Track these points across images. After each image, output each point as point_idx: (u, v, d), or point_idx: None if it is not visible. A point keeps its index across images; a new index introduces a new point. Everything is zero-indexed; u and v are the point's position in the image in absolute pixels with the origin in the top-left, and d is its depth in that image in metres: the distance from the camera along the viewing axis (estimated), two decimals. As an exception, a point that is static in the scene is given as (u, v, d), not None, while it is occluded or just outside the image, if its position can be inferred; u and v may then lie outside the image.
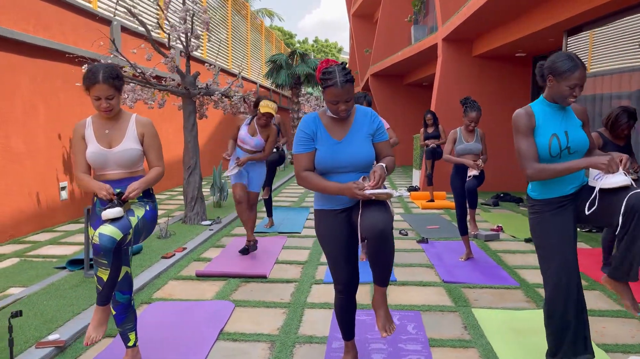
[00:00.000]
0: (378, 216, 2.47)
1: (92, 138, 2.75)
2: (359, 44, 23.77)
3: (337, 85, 2.54)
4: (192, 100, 6.76)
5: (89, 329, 2.65)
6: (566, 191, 2.61)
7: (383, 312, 2.63)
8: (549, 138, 2.54)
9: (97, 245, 2.48)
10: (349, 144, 2.68)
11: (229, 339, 3.32)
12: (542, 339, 3.26)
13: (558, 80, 2.51)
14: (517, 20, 8.04)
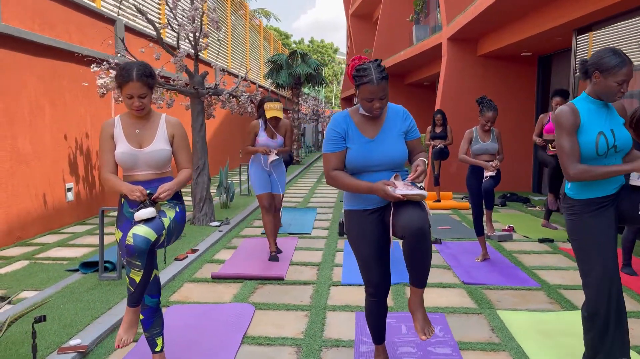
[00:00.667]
0: (415, 214, 2.41)
1: (121, 138, 2.67)
2: (357, 44, 23.73)
3: (373, 82, 2.48)
4: (201, 100, 6.68)
5: (119, 332, 2.58)
6: (609, 191, 2.55)
7: (421, 315, 2.56)
8: (596, 137, 2.47)
9: (131, 246, 2.41)
10: (381, 142, 2.61)
11: (253, 344, 3.25)
12: (573, 341, 3.22)
13: (605, 77, 2.45)
14: (525, 19, 8.00)
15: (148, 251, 2.46)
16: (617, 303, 2.57)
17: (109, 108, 8.11)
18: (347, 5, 28.14)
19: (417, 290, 2.56)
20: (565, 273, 4.73)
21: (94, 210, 7.62)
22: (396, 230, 2.49)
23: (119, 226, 2.72)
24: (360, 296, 4.10)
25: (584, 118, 2.51)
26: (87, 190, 7.45)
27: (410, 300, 2.60)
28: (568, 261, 5.16)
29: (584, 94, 2.60)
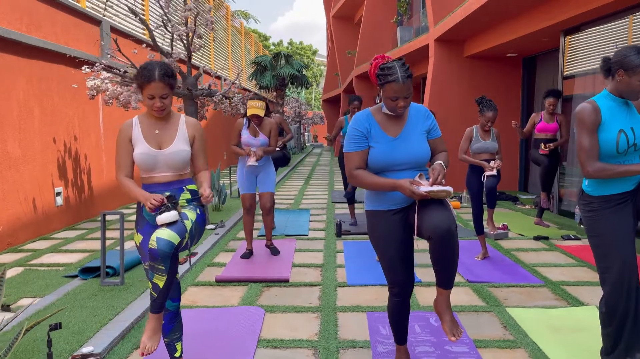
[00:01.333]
0: (442, 215, 2.41)
1: (140, 139, 2.61)
2: (339, 45, 23.78)
3: (398, 81, 2.47)
4: (194, 102, 6.60)
5: (143, 339, 2.52)
6: (627, 188, 2.59)
7: (449, 316, 2.56)
8: (617, 134, 2.50)
9: (155, 250, 2.35)
10: (405, 141, 2.60)
11: (269, 347, 3.21)
12: (585, 337, 3.26)
13: (630, 75, 2.48)
14: (514, 20, 8.11)
15: (172, 255, 2.41)
16: (636, 299, 2.61)
17: (97, 110, 7.96)
18: (328, 7, 28.20)
19: (444, 291, 2.56)
20: (566, 270, 4.80)
21: (82, 214, 7.46)
22: (423, 232, 2.48)
23: (139, 230, 2.66)
24: (368, 297, 4.11)
25: (605, 116, 2.54)
26: (76, 194, 7.29)
27: (438, 302, 2.59)
28: (566, 258, 5.23)
29: (605, 92, 2.62)
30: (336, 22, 24.12)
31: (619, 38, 6.49)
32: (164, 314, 2.67)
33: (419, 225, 2.51)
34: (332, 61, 28.24)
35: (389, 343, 3.23)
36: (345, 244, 5.89)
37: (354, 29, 23.85)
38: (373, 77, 2.63)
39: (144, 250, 2.64)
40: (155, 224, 2.63)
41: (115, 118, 8.55)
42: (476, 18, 8.28)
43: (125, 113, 8.86)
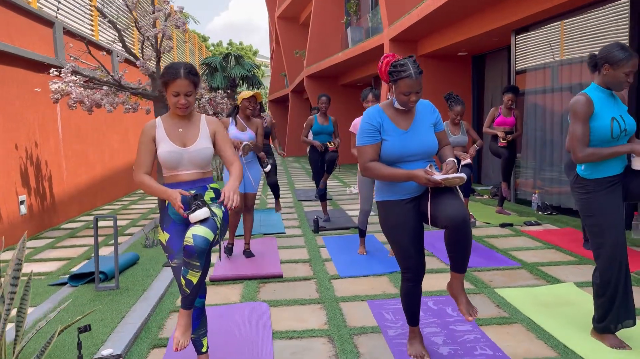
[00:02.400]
0: (457, 205, 2.60)
1: (164, 138, 2.65)
2: (286, 46, 23.87)
3: (411, 77, 2.64)
4: (165, 104, 6.54)
5: (176, 335, 2.57)
6: (618, 171, 2.89)
7: (464, 298, 2.76)
8: (610, 122, 2.80)
9: (191, 246, 2.41)
10: (415, 133, 2.79)
11: (283, 338, 3.31)
12: (571, 310, 3.57)
13: (614, 68, 2.78)
14: (467, 21, 8.54)
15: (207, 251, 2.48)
16: (625, 271, 2.92)
17: (56, 115, 7.70)
18: (272, 7, 28.21)
19: (459, 275, 2.75)
20: (537, 252, 5.17)
21: (46, 223, 7.21)
22: (438, 221, 2.66)
23: (165, 229, 2.70)
24: (364, 287, 4.28)
25: (597, 107, 2.84)
26: (38, 202, 7.04)
27: (453, 285, 2.78)
28: (534, 242, 5.62)
29: (594, 85, 2.92)
30: (282, 23, 24.19)
31: (554, 39, 7.02)
32: (192, 311, 2.71)
33: (432, 214, 2.70)
34: (277, 61, 28.28)
35: (397, 326, 3.41)
36: (325, 239, 6.04)
37: (300, 29, 24.02)
38: (384, 75, 2.80)
39: (171, 247, 2.68)
40: (182, 222, 2.69)
41: (73, 123, 8.30)
42: (432, 19, 8.65)
43: (86, 117, 8.62)
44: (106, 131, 9.95)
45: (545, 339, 3.16)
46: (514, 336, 3.23)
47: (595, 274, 3.00)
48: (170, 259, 2.69)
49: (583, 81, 6.59)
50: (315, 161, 7.13)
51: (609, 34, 6.13)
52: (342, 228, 6.67)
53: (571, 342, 3.06)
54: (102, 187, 9.53)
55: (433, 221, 2.71)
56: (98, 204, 9.30)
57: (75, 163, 8.35)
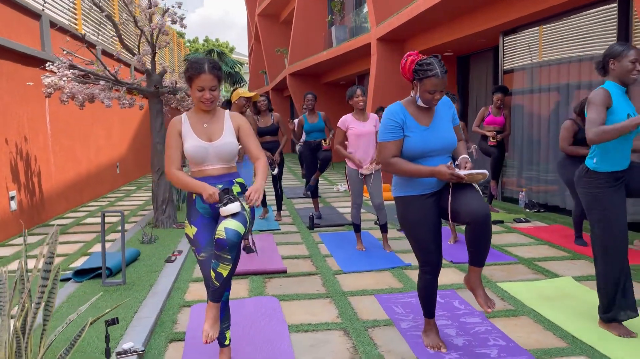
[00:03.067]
0: (479, 201, 2.70)
1: (190, 133, 2.69)
2: (266, 43, 23.81)
3: (438, 76, 2.72)
4: (160, 99, 6.50)
5: (205, 327, 2.61)
6: (624, 166, 3.04)
7: (482, 290, 2.86)
8: (626, 117, 2.96)
9: (223, 239, 2.45)
10: (436, 129, 2.87)
11: (299, 331, 3.36)
12: (573, 302, 3.71)
13: (619, 60, 2.97)
14: (456, 21, 8.69)
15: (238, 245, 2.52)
16: (627, 264, 3.07)
17: (44, 110, 7.56)
18: (251, 5, 28.08)
19: (477, 269, 2.85)
20: (531, 248, 5.33)
21: (35, 219, 7.08)
22: (460, 217, 2.75)
23: (192, 222, 2.72)
24: (369, 281, 4.36)
25: (615, 101, 2.99)
26: (28, 198, 6.92)
27: (471, 279, 2.88)
28: (526, 238, 5.78)
29: (609, 82, 3.07)
30: (262, 20, 24.12)
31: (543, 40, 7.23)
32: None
33: (453, 210, 2.78)
34: (256, 59, 28.17)
35: (409, 319, 3.50)
36: (322, 236, 6.10)
37: (280, 27, 24.00)
38: (408, 73, 2.86)
39: (198, 241, 2.71)
40: (209, 216, 2.72)
41: (62, 119, 8.17)
42: (422, 19, 8.79)
43: (73, 112, 8.48)
44: (92, 127, 9.81)
45: (554, 330, 3.28)
46: (522, 328, 3.35)
47: (598, 266, 3.14)
48: (197, 253, 2.72)
49: (571, 81, 6.80)
50: (307, 158, 7.18)
51: (597, 37, 6.35)
52: (336, 224, 6.74)
53: (579, 332, 3.19)
54: (88, 184, 9.39)
55: (453, 217, 2.80)
56: (85, 200, 9.16)
57: (63, 159, 8.22)
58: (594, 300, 3.72)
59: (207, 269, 2.68)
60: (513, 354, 2.95)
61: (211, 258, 2.67)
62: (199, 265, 2.74)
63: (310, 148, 7.10)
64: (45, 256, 2.49)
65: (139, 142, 13.69)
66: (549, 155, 7.31)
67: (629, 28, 5.88)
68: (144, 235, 5.69)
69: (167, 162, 2.72)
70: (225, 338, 2.86)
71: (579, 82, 6.66)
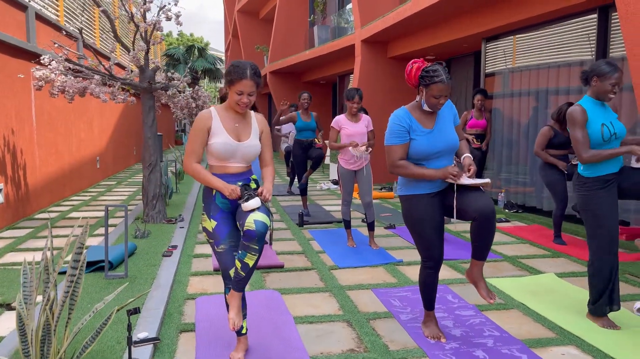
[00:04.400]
0: (485, 198, 2.90)
1: (221, 130, 2.80)
2: (245, 40, 23.78)
3: (444, 82, 2.91)
4: (152, 95, 6.54)
5: (230, 316, 2.75)
6: (614, 169, 3.29)
7: (484, 283, 3.06)
8: (600, 127, 3.21)
9: (252, 231, 2.58)
10: (440, 132, 3.06)
11: (305, 323, 3.51)
12: (558, 297, 3.96)
13: (602, 80, 3.21)
14: (440, 26, 8.95)
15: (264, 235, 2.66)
16: (616, 262, 3.32)
17: (30, 102, 7.49)
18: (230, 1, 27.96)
19: (480, 263, 3.05)
20: (513, 246, 5.59)
21: (20, 213, 7.03)
22: (467, 214, 2.93)
23: (212, 216, 2.83)
24: (364, 276, 4.53)
25: (590, 114, 3.25)
26: (14, 191, 6.86)
27: (474, 273, 3.08)
28: (508, 237, 6.05)
29: (586, 97, 3.35)
30: (241, 17, 24.06)
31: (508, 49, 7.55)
32: None
33: (459, 208, 2.97)
34: (234, 55, 28.07)
35: (407, 312, 3.69)
36: (312, 232, 6.25)
37: (260, 24, 23.98)
38: (414, 79, 3.03)
39: (218, 234, 2.82)
40: (229, 210, 2.84)
41: (46, 111, 8.09)
42: (406, 23, 9.01)
43: (57, 105, 8.41)
44: (75, 120, 9.72)
45: (542, 322, 3.52)
46: (514, 320, 3.57)
47: (590, 262, 3.39)
48: (216, 245, 2.83)
49: (549, 87, 7.11)
50: (298, 157, 7.32)
51: (576, 45, 6.67)
52: (325, 222, 6.90)
53: (566, 324, 3.43)
54: (70, 178, 9.32)
55: (460, 215, 2.99)
56: (67, 194, 9.09)
57: (47, 152, 8.15)
58: (576, 295, 3.98)
59: (226, 260, 2.80)
60: (508, 344, 3.16)
61: (230, 250, 2.80)
62: (217, 258, 2.85)
63: (302, 147, 7.25)
64: (75, 246, 2.57)
65: (118, 136, 13.59)
66: (527, 157, 7.62)
67: (607, 37, 6.21)
68: (137, 229, 5.73)
69: (188, 155, 2.81)
70: (242, 327, 2.98)
71: (557, 87, 6.98)
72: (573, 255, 5.19)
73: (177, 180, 10.20)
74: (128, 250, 4.91)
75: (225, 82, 2.81)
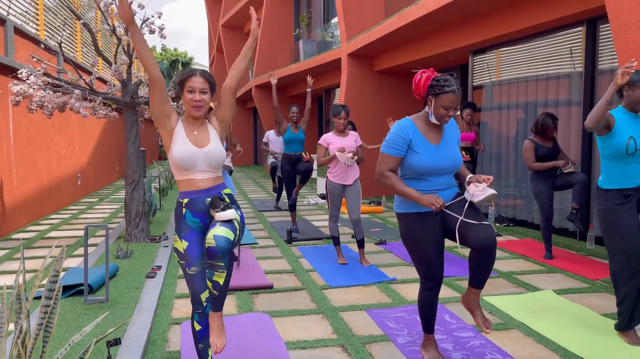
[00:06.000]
0: (488, 229, 2.73)
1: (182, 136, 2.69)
2: (229, 54, 23.70)
3: (455, 92, 2.76)
4: (135, 110, 6.35)
5: (212, 340, 2.59)
6: (633, 184, 3.21)
7: (480, 311, 2.91)
8: (627, 140, 3.13)
9: (213, 247, 2.44)
10: (446, 148, 2.90)
11: (297, 348, 3.32)
12: (558, 314, 3.84)
13: (632, 89, 3.16)
14: (426, 40, 8.91)
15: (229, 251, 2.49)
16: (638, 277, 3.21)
17: (8, 118, 7.24)
18: (214, 15, 27.94)
19: (477, 290, 2.90)
20: (507, 262, 5.47)
21: (-4, 232, 6.74)
22: (468, 242, 2.77)
23: (183, 237, 2.66)
24: (357, 296, 4.37)
25: (618, 123, 3.18)
26: None
27: (470, 300, 2.92)
28: (501, 252, 5.93)
29: (620, 107, 3.29)
30: (226, 32, 24.01)
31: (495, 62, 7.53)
32: (201, 320, 2.71)
33: (461, 233, 2.80)
34: (218, 70, 27.99)
35: (404, 334, 3.52)
36: (301, 250, 6.07)
37: (244, 38, 23.92)
38: (423, 89, 2.87)
39: (190, 255, 2.65)
40: (201, 230, 2.69)
41: (24, 127, 7.84)
42: (393, 37, 8.97)
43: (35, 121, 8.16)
44: (54, 136, 9.46)
45: (545, 343, 3.38)
46: (515, 341, 3.43)
47: (612, 278, 3.30)
48: (187, 267, 2.66)
49: (538, 99, 7.07)
50: (287, 171, 7.17)
51: (564, 59, 6.64)
52: (314, 238, 6.73)
53: (569, 344, 3.29)
54: (49, 195, 9.03)
55: (462, 241, 2.83)
56: (46, 213, 8.79)
57: (25, 169, 7.88)
58: (577, 313, 3.86)
59: (197, 284, 2.65)
60: (511, 368, 3.01)
61: (202, 273, 2.65)
62: (188, 281, 2.68)
63: (291, 161, 7.11)
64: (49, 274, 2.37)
65: (100, 152, 13.30)
66: (516, 170, 7.55)
67: (595, 49, 6.18)
68: (119, 249, 5.50)
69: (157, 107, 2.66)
70: (207, 355, 2.77)
71: (546, 100, 6.94)
72: (569, 270, 5.08)
73: (161, 197, 9.96)
74: (109, 272, 4.69)
75: (176, 89, 2.69)
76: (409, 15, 7.77)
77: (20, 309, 2.41)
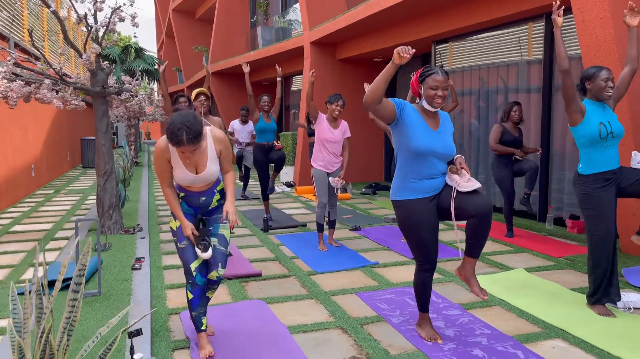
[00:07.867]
0: (483, 197, 2.98)
1: (178, 164, 2.98)
2: (180, 40, 23.20)
3: (437, 73, 3.00)
4: (106, 100, 6.23)
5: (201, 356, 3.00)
6: (612, 166, 3.49)
7: (476, 281, 3.16)
8: (598, 125, 3.42)
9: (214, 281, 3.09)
10: (443, 136, 3.12)
11: (299, 332, 3.46)
12: (532, 291, 4.17)
13: (593, 80, 3.45)
14: (390, 30, 9.11)
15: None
16: (613, 256, 3.53)
17: (-36, 108, 6.93)
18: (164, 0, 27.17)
19: (473, 260, 3.14)
20: (477, 244, 5.79)
21: (-42, 228, 6.47)
22: (465, 212, 3.01)
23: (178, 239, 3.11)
24: (344, 281, 4.54)
25: (588, 111, 3.47)
26: None
27: (467, 270, 3.16)
28: (470, 234, 6.26)
29: (586, 99, 3.57)
30: (177, 16, 23.45)
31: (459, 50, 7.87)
32: (193, 289, 3.03)
33: (457, 207, 3.02)
34: (169, 55, 27.29)
35: (397, 314, 3.73)
36: (280, 238, 6.18)
37: (196, 24, 23.50)
38: (416, 83, 3.09)
39: (181, 232, 3.04)
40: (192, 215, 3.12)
41: (-19, 117, 7.51)
42: (357, 26, 9.11)
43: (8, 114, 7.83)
44: (9, 126, 9.08)
45: (526, 317, 3.67)
46: (499, 317, 3.70)
47: (588, 256, 3.61)
48: (179, 241, 3.06)
49: (499, 86, 7.43)
50: (260, 161, 7.22)
51: (524, 48, 7.01)
52: (289, 226, 6.84)
53: (549, 318, 3.60)
54: (5, 188, 8.69)
55: (458, 215, 3.05)
56: (3, 207, 8.47)
57: (-17, 161, 7.56)
58: (549, 288, 4.19)
59: (188, 256, 3.02)
60: (501, 341, 3.27)
61: (191, 246, 3.02)
62: (180, 253, 3.04)
63: (264, 150, 7.16)
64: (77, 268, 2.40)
65: (52, 142, 12.84)
66: (479, 156, 7.92)
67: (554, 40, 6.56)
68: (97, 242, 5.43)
69: (159, 179, 3.00)
70: (201, 323, 3.10)
71: (507, 86, 7.31)
72: (535, 250, 5.44)
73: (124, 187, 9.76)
74: (96, 265, 4.66)
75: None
76: (375, 5, 7.93)
77: (42, 304, 2.43)
